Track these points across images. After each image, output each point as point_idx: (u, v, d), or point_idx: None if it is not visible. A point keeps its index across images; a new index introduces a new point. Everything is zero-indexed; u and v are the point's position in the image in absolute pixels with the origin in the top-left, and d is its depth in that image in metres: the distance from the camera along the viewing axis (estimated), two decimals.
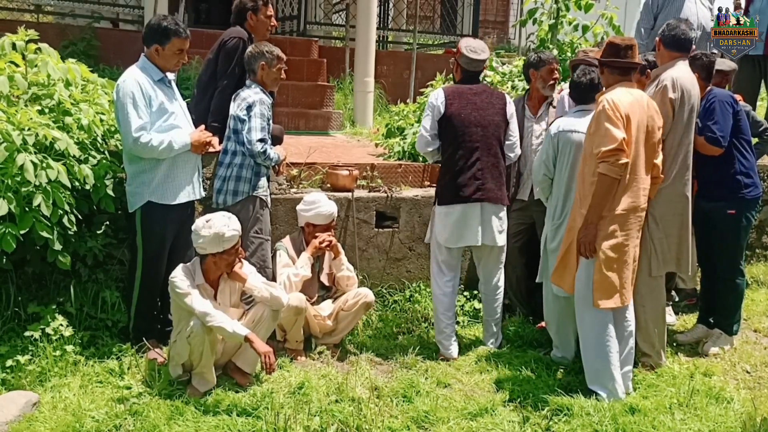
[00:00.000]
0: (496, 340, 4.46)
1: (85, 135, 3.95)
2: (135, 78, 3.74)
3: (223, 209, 3.95)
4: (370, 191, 4.99)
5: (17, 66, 3.95)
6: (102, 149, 4.11)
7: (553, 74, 4.64)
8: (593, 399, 3.59)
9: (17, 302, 3.88)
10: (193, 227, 3.63)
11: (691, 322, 4.94)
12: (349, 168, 4.91)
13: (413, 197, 5.03)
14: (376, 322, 4.64)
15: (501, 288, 4.44)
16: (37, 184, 3.48)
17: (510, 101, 4.38)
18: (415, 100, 7.22)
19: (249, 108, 4.06)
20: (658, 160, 3.84)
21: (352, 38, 8.63)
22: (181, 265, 3.64)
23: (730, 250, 4.48)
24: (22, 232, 3.47)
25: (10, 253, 3.52)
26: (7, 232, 3.42)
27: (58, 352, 3.69)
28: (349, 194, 4.83)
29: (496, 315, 4.44)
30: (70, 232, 3.74)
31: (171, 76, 3.99)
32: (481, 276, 4.44)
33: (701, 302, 4.88)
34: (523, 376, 3.95)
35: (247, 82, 4.23)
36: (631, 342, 3.84)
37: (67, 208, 3.64)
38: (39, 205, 3.48)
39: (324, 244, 4.24)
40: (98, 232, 4.05)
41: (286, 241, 4.34)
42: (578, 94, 4.12)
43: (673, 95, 3.95)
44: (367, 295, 4.28)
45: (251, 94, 4.12)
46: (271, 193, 4.36)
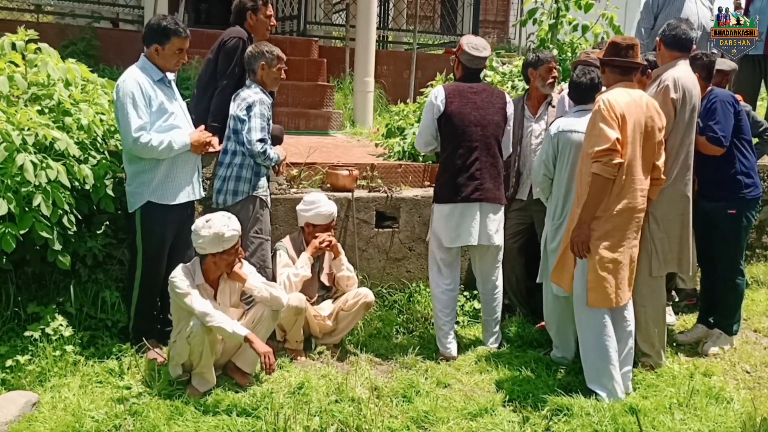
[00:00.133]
0: (496, 340, 4.45)
1: (84, 135, 3.95)
2: (135, 78, 3.74)
3: (223, 209, 3.95)
4: (370, 191, 4.99)
5: (17, 66, 3.95)
6: (102, 149, 4.11)
7: (551, 73, 4.63)
8: (593, 399, 3.59)
9: (17, 302, 3.88)
10: (193, 227, 3.63)
11: (691, 322, 4.94)
12: (349, 168, 4.90)
13: (413, 197, 5.03)
14: (376, 322, 4.64)
15: (499, 287, 4.44)
16: (37, 184, 3.47)
17: (510, 100, 4.38)
18: (415, 100, 7.22)
19: (249, 108, 4.06)
20: (660, 162, 3.81)
21: (352, 38, 8.62)
22: (181, 265, 3.64)
23: (730, 250, 4.48)
24: (22, 232, 3.47)
25: (10, 253, 3.52)
26: (6, 232, 3.42)
27: (58, 352, 3.69)
28: (349, 194, 4.83)
29: (495, 314, 4.44)
30: (70, 232, 3.74)
31: (171, 76, 3.99)
32: (479, 275, 4.44)
33: (701, 302, 4.88)
34: (523, 376, 3.95)
35: (247, 82, 4.23)
36: (631, 342, 3.83)
37: (67, 208, 3.64)
38: (39, 205, 3.48)
39: (324, 244, 4.24)
40: (98, 232, 4.05)
41: (286, 241, 4.34)
42: (578, 94, 4.12)
43: (675, 95, 3.94)
44: (367, 295, 4.28)
45: (251, 94, 4.11)
46: (271, 193, 4.36)
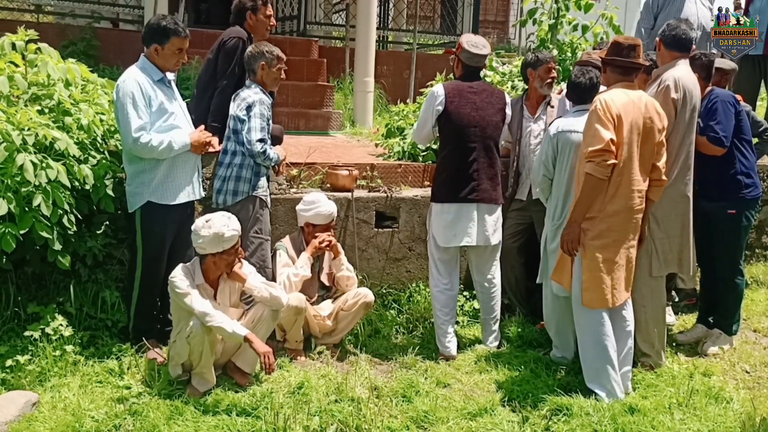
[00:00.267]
0: (495, 339, 4.45)
1: (84, 135, 3.95)
2: (135, 78, 3.74)
3: (223, 209, 3.95)
4: (369, 191, 4.99)
5: (17, 66, 3.95)
6: (102, 149, 4.11)
7: (550, 73, 4.62)
8: (592, 399, 3.59)
9: (17, 302, 3.88)
10: (193, 227, 3.63)
11: (690, 322, 4.94)
12: (349, 168, 4.90)
13: (413, 197, 5.03)
14: (376, 322, 4.64)
15: (498, 286, 4.43)
16: (37, 184, 3.48)
17: (509, 100, 4.38)
18: (415, 100, 7.22)
19: (249, 108, 4.06)
20: (661, 163, 3.78)
21: (352, 38, 8.62)
22: (181, 265, 3.64)
23: (730, 250, 4.48)
24: (22, 232, 3.48)
25: (10, 253, 3.52)
26: (6, 232, 3.42)
27: (58, 352, 3.69)
28: (348, 194, 4.83)
29: (494, 314, 4.44)
30: (70, 232, 3.74)
31: (171, 76, 3.99)
32: (476, 275, 4.44)
33: (701, 302, 4.88)
34: (522, 376, 3.95)
35: (247, 82, 4.23)
36: (630, 342, 3.83)
37: (67, 208, 3.65)
38: (39, 205, 3.48)
39: (324, 244, 4.24)
40: (98, 232, 4.05)
41: (286, 241, 4.34)
42: (577, 95, 4.11)
43: (676, 95, 3.94)
44: (367, 295, 4.28)
45: (251, 94, 4.12)
46: (270, 193, 4.36)
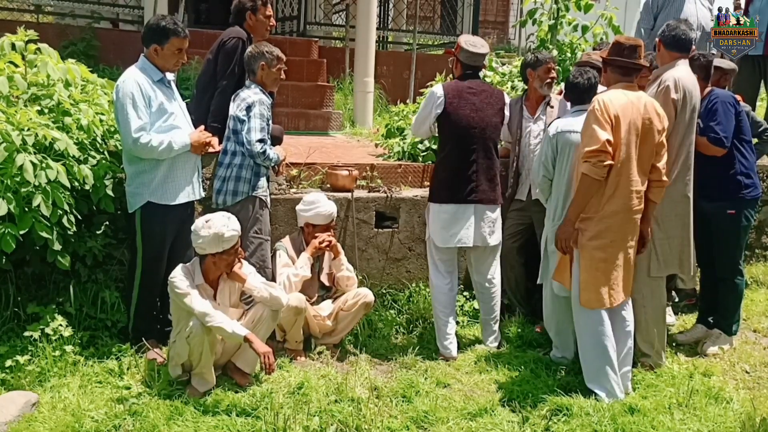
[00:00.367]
0: (495, 339, 4.45)
1: (84, 135, 3.95)
2: (134, 78, 3.74)
3: (223, 209, 3.95)
4: (369, 191, 4.99)
5: (17, 66, 3.95)
6: (101, 149, 4.11)
7: (549, 73, 4.62)
8: (592, 399, 3.59)
9: (17, 302, 3.88)
10: (193, 227, 3.63)
11: (690, 322, 4.94)
12: (349, 168, 4.90)
13: (413, 197, 5.03)
14: (376, 322, 4.64)
15: (497, 286, 4.43)
16: (37, 184, 3.48)
17: (508, 100, 4.39)
18: (415, 101, 7.22)
19: (248, 108, 4.06)
20: (661, 163, 3.76)
21: (352, 38, 8.62)
22: (181, 265, 3.64)
23: (729, 250, 4.48)
24: (22, 233, 3.47)
25: (10, 254, 3.52)
26: (6, 232, 3.42)
27: (58, 353, 3.69)
28: (348, 194, 4.82)
29: (494, 314, 4.44)
30: (70, 233, 3.74)
31: (170, 76, 3.99)
32: (476, 275, 4.44)
33: (701, 302, 4.88)
34: (522, 376, 3.95)
35: (247, 82, 4.23)
36: (630, 342, 3.83)
37: (67, 208, 3.65)
38: (38, 206, 3.48)
39: (324, 245, 4.24)
40: (98, 233, 4.05)
41: (286, 242, 4.34)
42: (575, 95, 4.10)
43: (676, 95, 3.93)
44: (367, 295, 4.28)
45: (251, 95, 4.11)
46: (270, 194, 4.36)
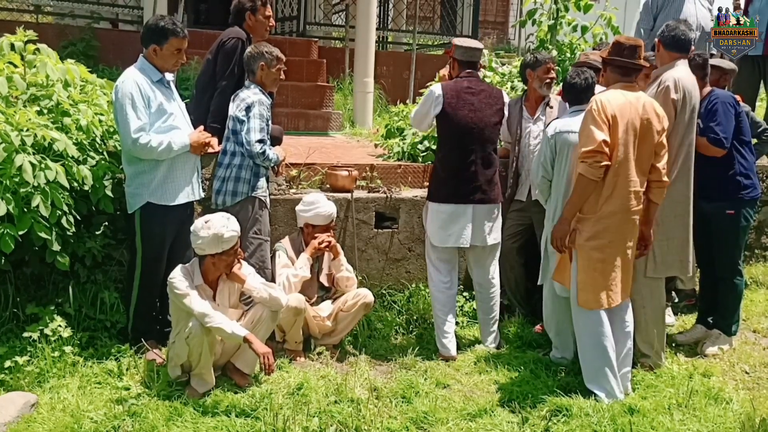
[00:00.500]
0: (494, 340, 4.45)
1: (83, 136, 3.95)
2: (134, 79, 3.73)
3: (222, 210, 3.95)
4: (369, 192, 4.99)
5: (16, 67, 3.95)
6: (101, 150, 4.10)
7: (549, 74, 4.62)
8: (592, 399, 3.59)
9: (16, 303, 3.88)
10: (192, 228, 3.62)
11: (690, 323, 4.94)
12: (349, 168, 4.90)
13: (412, 198, 5.02)
14: (376, 322, 4.63)
15: (496, 286, 4.42)
16: (36, 184, 3.47)
17: (507, 100, 4.39)
18: (414, 101, 7.23)
19: (248, 109, 4.06)
20: (661, 164, 3.75)
21: (351, 39, 8.62)
22: (180, 265, 3.63)
23: (729, 251, 4.48)
24: (21, 233, 3.47)
25: (9, 254, 3.51)
26: (5, 232, 3.42)
27: (57, 353, 3.69)
28: (348, 195, 4.82)
29: (493, 314, 4.43)
30: (69, 233, 3.74)
31: (170, 76, 3.98)
32: (475, 275, 4.43)
33: (700, 303, 4.87)
34: (522, 376, 3.95)
35: (246, 82, 4.23)
36: (630, 343, 3.83)
37: (66, 208, 3.64)
38: (37, 206, 3.47)
39: (323, 245, 4.24)
40: (97, 233, 4.05)
41: (285, 242, 4.34)
42: (573, 95, 4.09)
43: (676, 96, 3.93)
44: (367, 295, 4.27)
45: (250, 95, 4.11)
46: (270, 194, 4.36)
